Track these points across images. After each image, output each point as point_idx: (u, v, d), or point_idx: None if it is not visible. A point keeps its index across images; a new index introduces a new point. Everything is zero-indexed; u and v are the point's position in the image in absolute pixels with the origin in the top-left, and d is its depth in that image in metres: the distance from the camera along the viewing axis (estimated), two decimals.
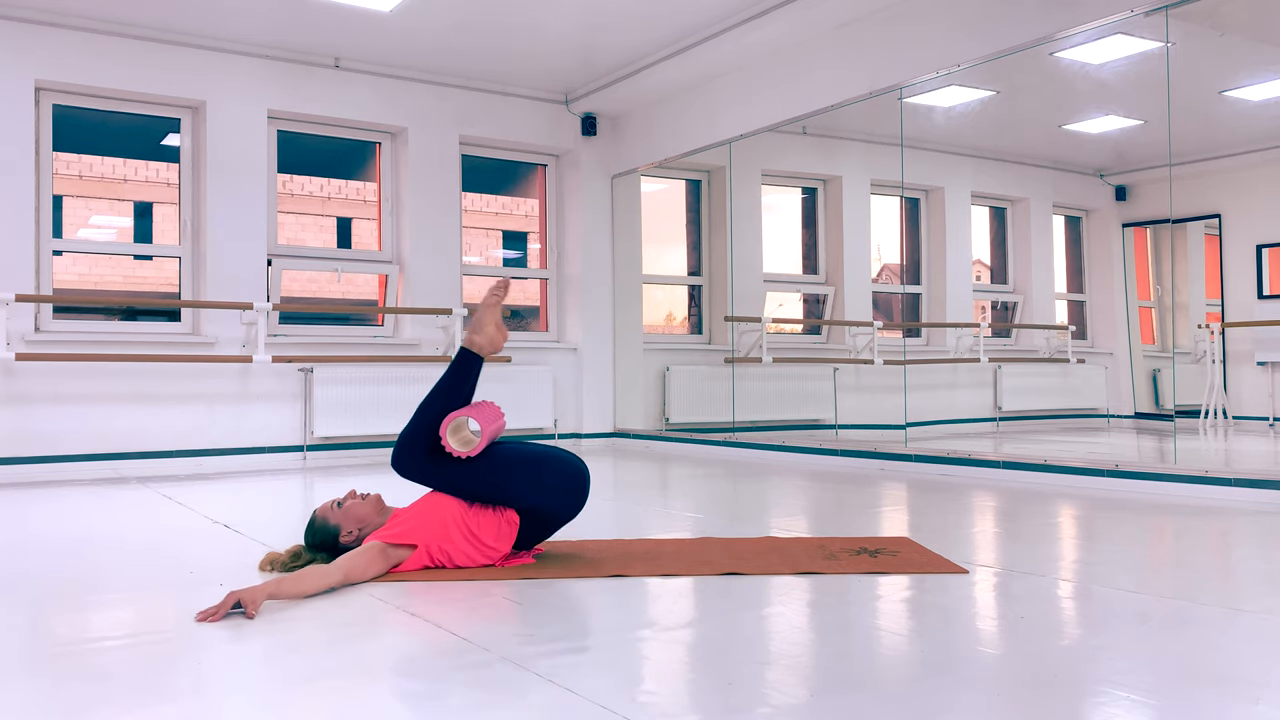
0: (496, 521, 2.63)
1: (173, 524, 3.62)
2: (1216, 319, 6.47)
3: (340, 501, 2.66)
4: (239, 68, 5.80)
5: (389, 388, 6.05)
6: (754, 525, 3.43)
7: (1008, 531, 3.27)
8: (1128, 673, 1.71)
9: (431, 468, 2.65)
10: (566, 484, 2.70)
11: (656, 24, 5.54)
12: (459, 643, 1.95)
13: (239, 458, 5.69)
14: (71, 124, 5.66)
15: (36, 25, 5.26)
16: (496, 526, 2.63)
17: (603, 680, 1.71)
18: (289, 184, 11.12)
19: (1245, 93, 5.93)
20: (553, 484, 2.68)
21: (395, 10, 5.27)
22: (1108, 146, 6.88)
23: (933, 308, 7.03)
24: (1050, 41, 4.47)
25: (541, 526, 2.71)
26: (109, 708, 1.61)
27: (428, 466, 2.65)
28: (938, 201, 7.03)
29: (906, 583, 2.46)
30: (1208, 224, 6.58)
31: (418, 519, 2.60)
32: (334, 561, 2.46)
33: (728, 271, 6.93)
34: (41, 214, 5.38)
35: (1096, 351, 7.21)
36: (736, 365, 6.74)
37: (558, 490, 2.68)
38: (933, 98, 5.75)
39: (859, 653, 1.88)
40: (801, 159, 6.96)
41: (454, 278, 6.50)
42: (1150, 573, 2.65)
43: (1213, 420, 6.34)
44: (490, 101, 6.67)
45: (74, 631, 2.11)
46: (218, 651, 1.92)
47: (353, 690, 1.68)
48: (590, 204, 7.02)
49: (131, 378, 5.43)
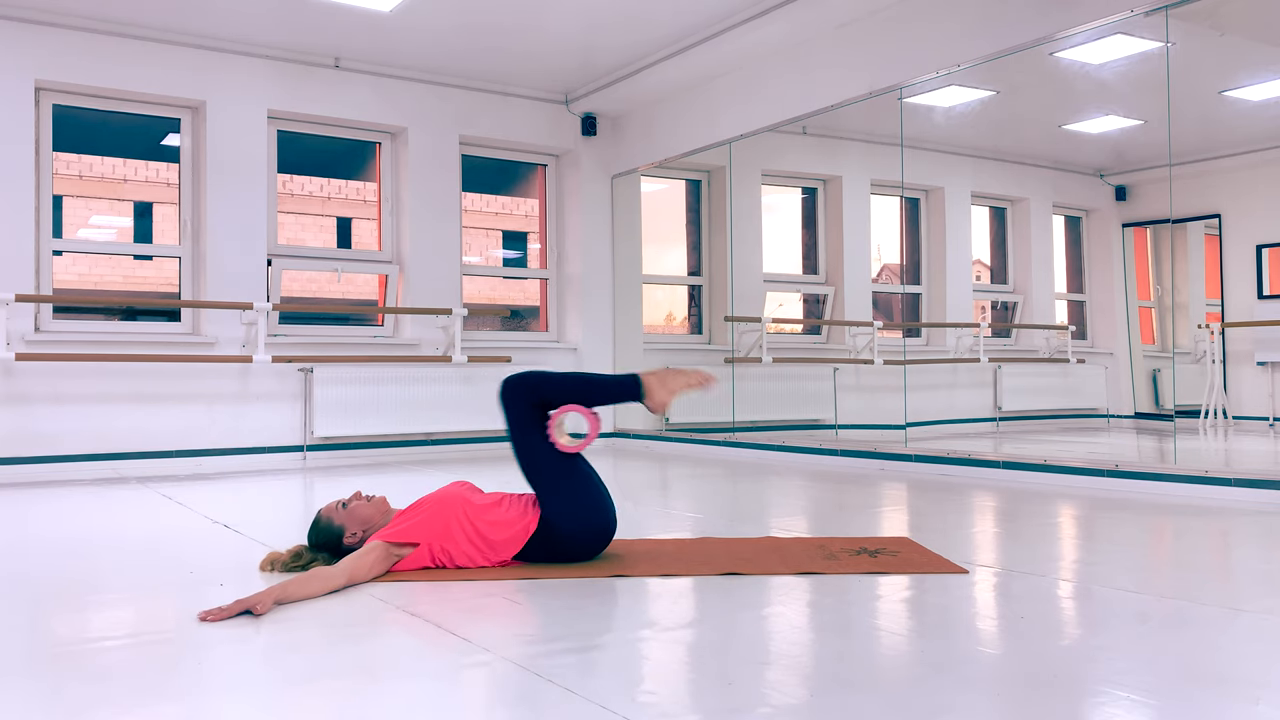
0: (510, 524, 2.62)
1: (173, 524, 3.62)
2: (1216, 319, 6.47)
3: (345, 502, 2.66)
4: (239, 68, 5.80)
5: (389, 388, 6.05)
6: (754, 525, 3.43)
7: (1008, 531, 3.27)
8: (1128, 673, 1.71)
9: (527, 417, 2.69)
10: (600, 530, 2.70)
11: (656, 24, 5.54)
12: (459, 643, 1.95)
13: (239, 458, 5.69)
14: (71, 124, 5.66)
15: (36, 25, 5.26)
16: (509, 529, 2.62)
17: (603, 680, 1.71)
18: (289, 184, 11.12)
19: (1245, 93, 5.92)
20: (593, 522, 2.68)
21: (395, 10, 5.27)
22: (1108, 146, 6.87)
23: (933, 308, 7.03)
24: (1050, 41, 4.47)
25: (547, 550, 2.66)
26: (109, 708, 1.60)
27: (525, 415, 2.69)
28: (938, 201, 7.03)
29: (906, 583, 2.46)
30: (1208, 224, 6.57)
31: (420, 517, 2.60)
32: (338, 563, 2.46)
33: (728, 271, 6.93)
34: (41, 214, 5.38)
35: (1096, 351, 7.20)
36: (736, 365, 6.74)
37: (591, 530, 2.69)
38: (933, 98, 5.75)
39: (859, 653, 1.87)
40: (801, 159, 6.96)
41: (454, 278, 6.50)
42: (1150, 573, 2.65)
43: (1213, 420, 6.34)
44: (490, 101, 6.67)
45: (74, 631, 2.11)
46: (218, 651, 1.92)
47: (353, 690, 1.68)
48: (590, 204, 7.02)
49: (131, 378, 5.43)
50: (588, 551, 2.70)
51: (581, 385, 2.74)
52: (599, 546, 2.72)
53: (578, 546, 2.68)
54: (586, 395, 2.73)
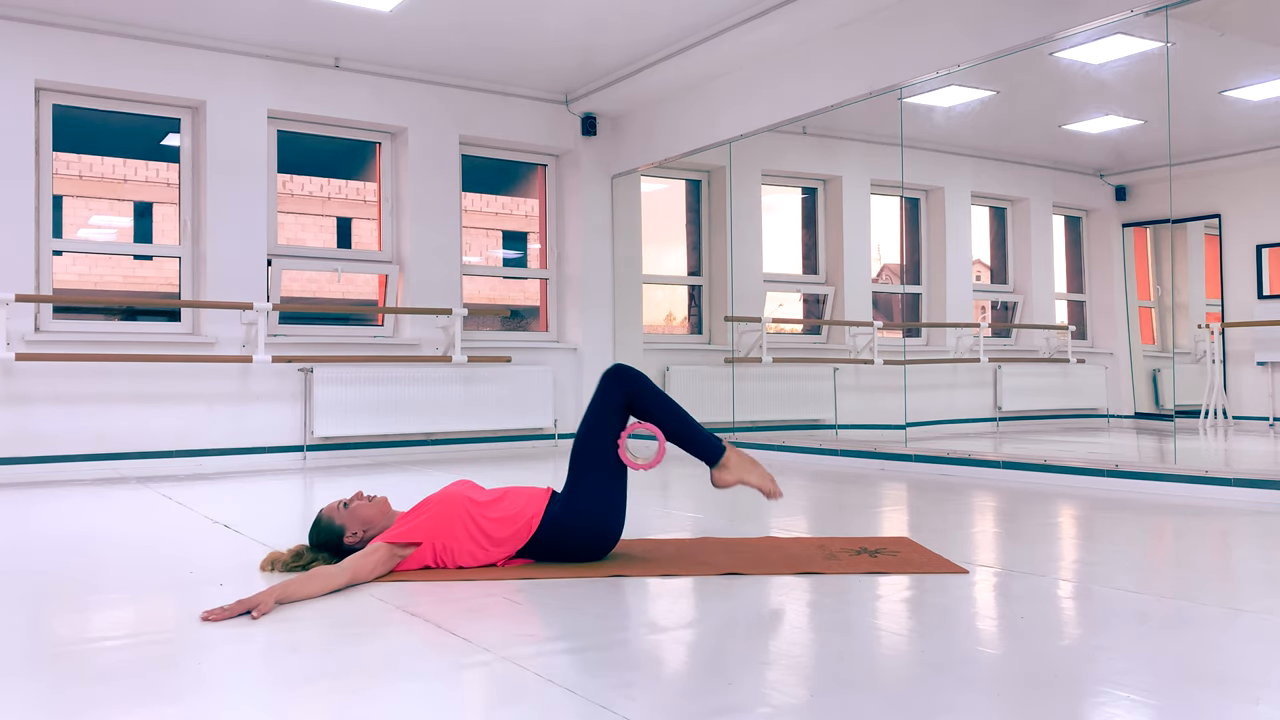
0: (512, 519, 2.63)
1: (173, 524, 3.62)
2: (1216, 319, 6.47)
3: (347, 502, 2.66)
4: (239, 68, 5.80)
5: (389, 388, 6.05)
6: (754, 525, 3.43)
7: (1008, 531, 3.27)
8: (1128, 673, 1.71)
9: (613, 406, 2.71)
10: (609, 535, 2.71)
11: (657, 24, 5.54)
12: (459, 643, 1.95)
13: (239, 458, 5.69)
14: (71, 124, 5.66)
15: (36, 25, 5.26)
16: (511, 525, 2.62)
17: (603, 680, 1.71)
18: (289, 184, 11.12)
19: (1245, 93, 5.92)
20: (606, 527, 2.69)
21: (395, 10, 5.27)
22: (1108, 146, 6.88)
23: (933, 308, 7.03)
24: (1050, 41, 4.47)
25: (551, 546, 2.67)
26: (109, 708, 1.61)
27: (613, 403, 2.71)
28: (938, 201, 7.03)
29: (906, 583, 2.46)
30: (1208, 224, 6.58)
31: (424, 518, 2.60)
32: (340, 563, 2.46)
33: (728, 271, 6.93)
34: (41, 214, 5.38)
35: (1096, 351, 7.21)
36: (736, 365, 6.74)
37: (601, 533, 2.69)
38: (933, 98, 5.75)
39: (859, 653, 1.87)
40: (801, 159, 6.96)
41: (454, 278, 6.50)
42: (1150, 573, 2.65)
43: (1213, 420, 6.34)
44: (490, 101, 6.67)
45: (74, 631, 2.11)
46: (218, 651, 1.92)
47: (353, 690, 1.68)
48: (590, 204, 7.02)
49: (131, 378, 5.43)
50: (590, 554, 2.70)
51: (676, 413, 2.75)
52: (601, 551, 2.72)
53: (582, 546, 2.68)
54: (675, 423, 2.74)
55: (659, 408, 2.74)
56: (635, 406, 2.74)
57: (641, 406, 2.74)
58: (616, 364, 2.81)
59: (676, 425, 2.74)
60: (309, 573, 2.39)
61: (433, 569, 2.59)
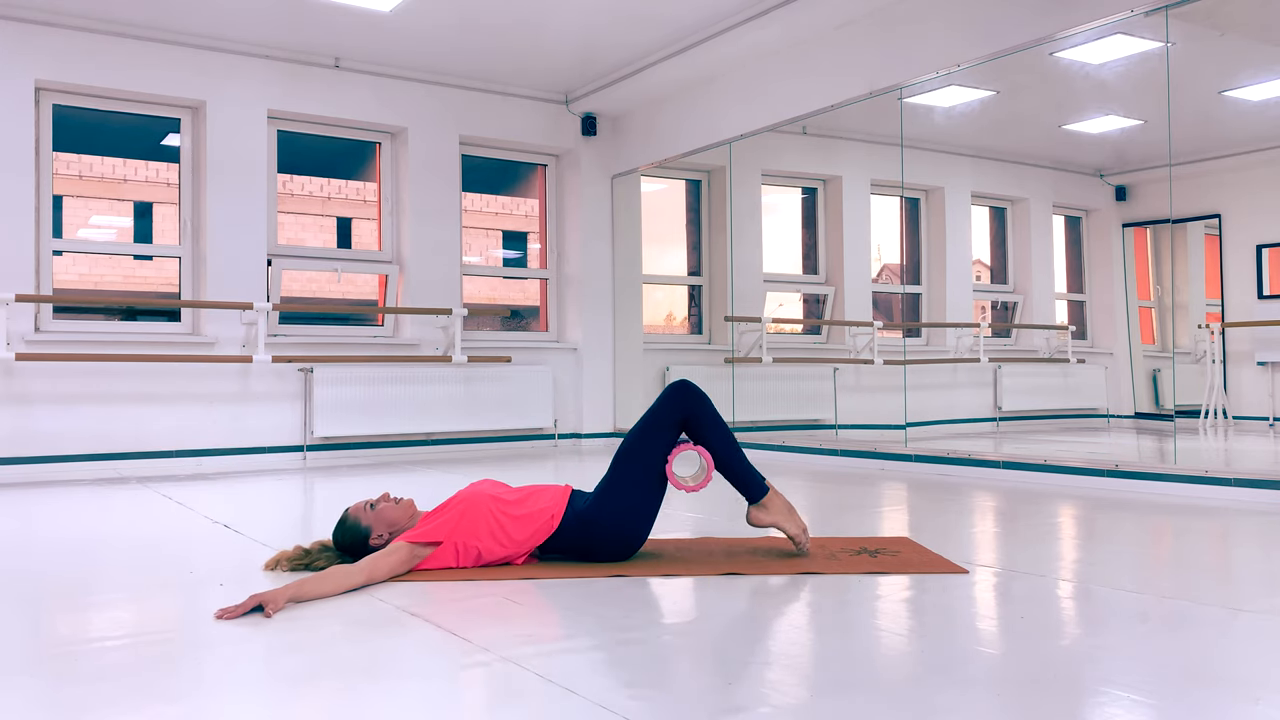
0: (534, 517, 2.63)
1: (173, 524, 3.62)
2: (1216, 319, 6.47)
3: (373, 503, 2.64)
4: (239, 68, 5.80)
5: (389, 388, 6.05)
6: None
7: (1008, 531, 3.27)
8: (1128, 673, 1.71)
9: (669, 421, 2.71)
10: (634, 542, 2.72)
11: (657, 24, 5.54)
12: (459, 643, 1.95)
13: (239, 458, 5.69)
14: (71, 124, 5.66)
15: (36, 25, 5.26)
16: (534, 522, 2.63)
17: (603, 680, 1.71)
18: (289, 184, 11.12)
19: (1245, 93, 5.93)
20: (636, 533, 2.70)
21: (395, 10, 5.27)
22: (1108, 146, 6.88)
23: (933, 308, 7.03)
24: (1050, 41, 4.47)
25: (574, 543, 2.67)
26: (109, 708, 1.61)
27: (670, 418, 2.71)
28: (938, 201, 7.03)
29: (906, 583, 2.46)
30: (1208, 224, 6.58)
31: (446, 517, 2.60)
32: (358, 562, 2.45)
33: (728, 271, 6.93)
34: (41, 214, 5.38)
35: (1096, 351, 7.21)
36: (736, 365, 6.74)
37: (627, 539, 2.70)
38: (933, 98, 5.75)
39: (859, 653, 1.87)
40: (801, 159, 6.96)
41: (454, 278, 6.50)
42: (1150, 573, 2.65)
43: (1213, 420, 6.34)
44: (490, 101, 6.67)
45: (74, 631, 2.11)
46: (218, 651, 1.92)
47: (353, 690, 1.68)
48: (590, 204, 7.02)
49: (131, 378, 5.43)
50: (611, 555, 2.70)
51: (730, 443, 2.76)
52: (625, 554, 2.72)
53: (606, 546, 2.68)
54: (727, 453, 2.75)
55: (715, 434, 2.75)
56: (691, 427, 2.74)
57: (698, 428, 2.74)
58: (683, 380, 2.80)
59: (728, 455, 2.75)
60: (324, 572, 2.38)
61: (439, 570, 2.58)
